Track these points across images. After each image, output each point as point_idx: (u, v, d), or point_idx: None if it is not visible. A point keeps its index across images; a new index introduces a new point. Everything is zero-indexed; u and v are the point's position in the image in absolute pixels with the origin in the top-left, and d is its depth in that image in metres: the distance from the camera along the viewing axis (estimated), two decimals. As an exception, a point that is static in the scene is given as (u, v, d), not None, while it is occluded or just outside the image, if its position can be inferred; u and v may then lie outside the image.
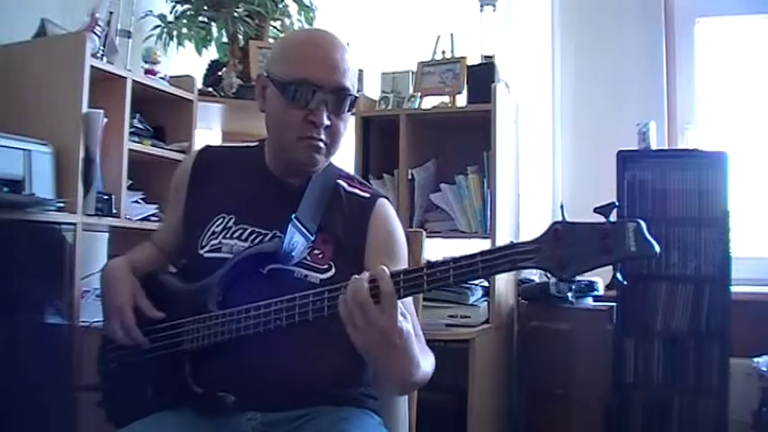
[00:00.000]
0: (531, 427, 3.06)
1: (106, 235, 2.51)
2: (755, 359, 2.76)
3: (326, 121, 1.32)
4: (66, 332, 2.05)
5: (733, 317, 2.74)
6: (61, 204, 2.04)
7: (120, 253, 1.50)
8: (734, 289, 2.77)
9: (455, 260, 1.08)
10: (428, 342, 1.40)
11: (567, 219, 1.05)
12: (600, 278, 3.04)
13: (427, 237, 1.66)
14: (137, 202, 2.48)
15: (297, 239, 1.31)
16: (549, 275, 1.07)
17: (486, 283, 2.83)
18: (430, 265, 1.10)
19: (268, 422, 1.28)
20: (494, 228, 2.77)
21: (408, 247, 1.59)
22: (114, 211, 2.27)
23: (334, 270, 1.33)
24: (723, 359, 2.74)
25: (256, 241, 1.35)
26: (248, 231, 1.37)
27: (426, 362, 1.25)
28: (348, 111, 1.37)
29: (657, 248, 1.00)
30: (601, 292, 3.04)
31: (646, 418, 2.81)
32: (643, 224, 1.01)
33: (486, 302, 2.80)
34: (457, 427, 2.63)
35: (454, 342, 2.58)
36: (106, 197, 2.24)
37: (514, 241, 1.08)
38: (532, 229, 3.42)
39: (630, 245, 1.00)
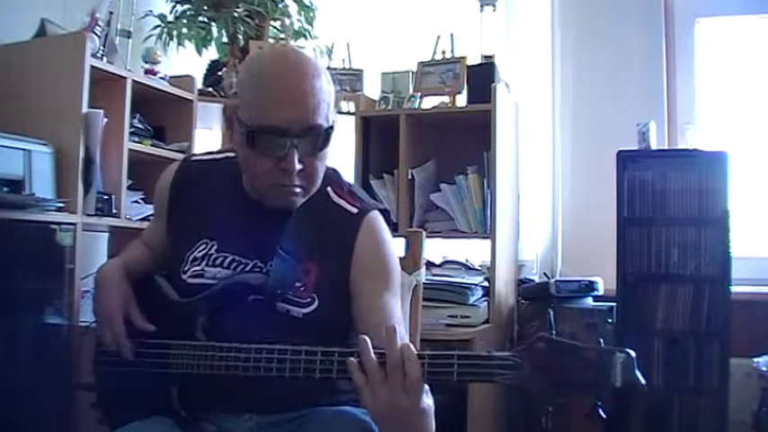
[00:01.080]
0: (530, 427, 3.06)
1: (106, 235, 2.51)
2: (755, 359, 2.76)
3: (299, 166, 1.20)
4: (66, 332, 2.05)
5: (733, 317, 2.73)
6: (61, 204, 2.04)
7: (119, 253, 1.49)
8: (734, 289, 2.76)
9: (431, 356, 1.01)
10: (428, 342, 1.39)
11: (554, 335, 1.01)
12: (600, 278, 3.04)
13: (427, 237, 1.66)
14: (137, 202, 2.48)
15: (284, 272, 1.25)
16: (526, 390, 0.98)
17: (486, 284, 2.83)
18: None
19: (265, 423, 1.28)
20: (494, 228, 2.77)
21: (408, 248, 1.59)
22: (114, 211, 2.27)
23: (317, 303, 1.27)
24: (723, 359, 2.73)
25: (238, 269, 1.31)
26: (229, 259, 1.31)
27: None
28: (323, 149, 1.24)
29: (644, 384, 0.93)
30: (601, 292, 3.04)
31: (646, 418, 2.81)
32: (633, 356, 0.94)
33: (486, 302, 2.80)
34: (457, 427, 2.63)
35: (454, 342, 2.58)
36: (106, 197, 2.24)
37: (493, 352, 0.99)
38: (532, 230, 3.42)
39: (616, 378, 0.93)
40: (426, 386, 1.03)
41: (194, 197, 1.39)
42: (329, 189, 1.35)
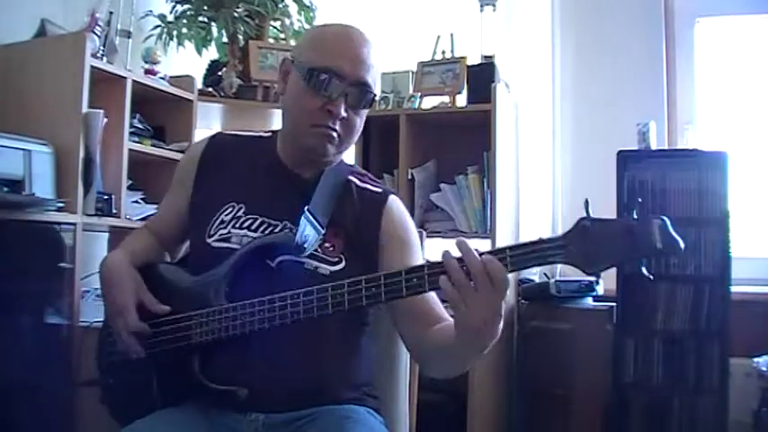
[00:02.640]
0: (531, 427, 3.06)
1: (106, 235, 2.51)
2: (755, 359, 2.76)
3: (343, 113, 1.31)
4: (66, 332, 2.05)
5: (733, 317, 2.73)
6: (61, 204, 2.04)
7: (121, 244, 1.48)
8: (734, 289, 2.76)
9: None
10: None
11: (592, 215, 1.07)
12: (600, 278, 3.03)
13: (427, 237, 1.66)
14: (137, 202, 2.48)
15: (309, 232, 1.30)
16: (576, 269, 1.07)
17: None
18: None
19: (271, 423, 1.28)
20: (494, 228, 2.77)
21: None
22: (114, 211, 2.27)
23: (344, 263, 1.32)
24: (723, 359, 2.73)
25: (266, 232, 1.33)
26: (258, 222, 1.34)
27: None
28: (366, 107, 1.35)
29: (682, 244, 1.01)
30: (601, 292, 3.04)
31: (646, 418, 2.81)
32: (668, 221, 1.03)
33: (486, 302, 2.79)
34: (457, 427, 2.63)
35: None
36: (106, 197, 2.24)
37: (543, 237, 1.08)
38: (532, 230, 3.43)
39: (656, 241, 1.02)
40: None
41: (223, 166, 1.43)
42: (351, 177, 1.42)
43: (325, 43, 1.34)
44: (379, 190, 1.43)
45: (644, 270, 1.04)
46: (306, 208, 1.31)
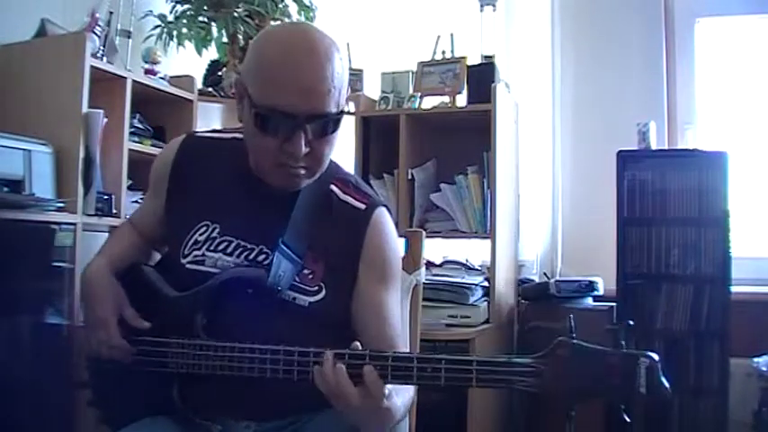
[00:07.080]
0: (531, 427, 3.06)
1: (106, 235, 2.51)
2: (755, 359, 2.76)
3: (305, 149, 1.16)
4: (65, 332, 2.05)
5: (733, 317, 2.73)
6: (61, 204, 2.04)
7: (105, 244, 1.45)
8: (734, 289, 2.76)
9: (448, 361, 1.01)
10: (428, 342, 1.39)
11: (574, 338, 0.97)
12: (600, 278, 3.04)
13: (427, 237, 1.66)
14: (137, 202, 2.48)
15: (284, 268, 1.23)
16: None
17: (486, 284, 2.83)
18: (421, 359, 1.04)
19: (263, 430, 1.27)
20: (494, 228, 2.77)
21: (408, 248, 1.59)
22: (114, 211, 2.27)
23: (324, 292, 1.26)
24: (723, 359, 2.74)
25: (242, 256, 1.28)
26: (233, 245, 1.28)
27: (406, 398, 1.19)
28: (333, 132, 1.20)
29: (670, 392, 0.90)
30: (601, 292, 3.04)
31: (646, 418, 2.81)
32: (658, 361, 0.92)
33: (486, 302, 2.80)
34: (457, 427, 2.63)
35: (454, 342, 2.58)
36: (106, 197, 2.24)
37: (514, 358, 0.98)
38: (533, 230, 3.42)
39: (640, 384, 0.91)
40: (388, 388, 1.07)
41: (197, 176, 1.34)
42: (333, 187, 1.32)
43: (267, 75, 1.15)
44: (362, 206, 1.31)
45: (624, 415, 0.94)
46: (281, 240, 1.23)
